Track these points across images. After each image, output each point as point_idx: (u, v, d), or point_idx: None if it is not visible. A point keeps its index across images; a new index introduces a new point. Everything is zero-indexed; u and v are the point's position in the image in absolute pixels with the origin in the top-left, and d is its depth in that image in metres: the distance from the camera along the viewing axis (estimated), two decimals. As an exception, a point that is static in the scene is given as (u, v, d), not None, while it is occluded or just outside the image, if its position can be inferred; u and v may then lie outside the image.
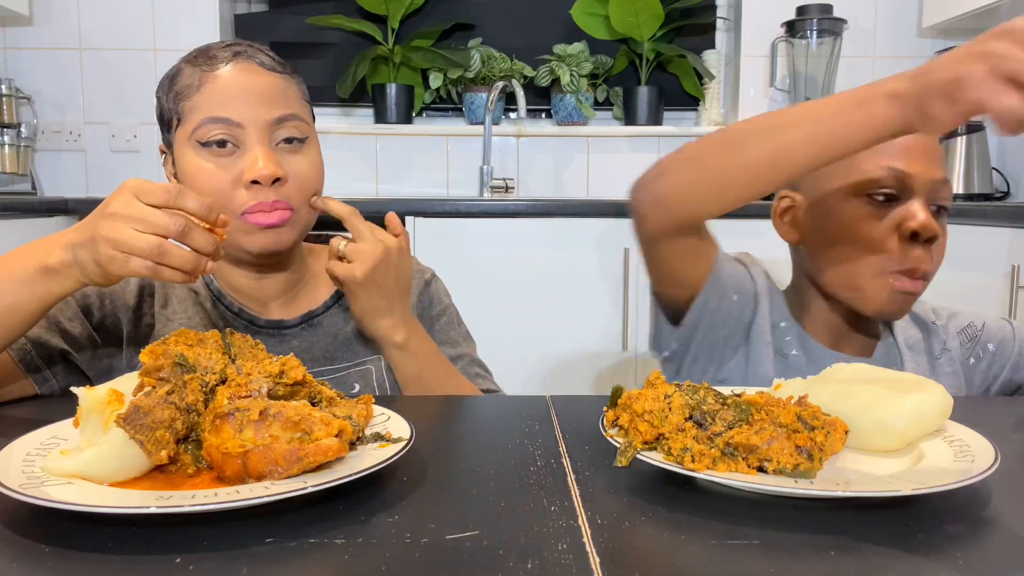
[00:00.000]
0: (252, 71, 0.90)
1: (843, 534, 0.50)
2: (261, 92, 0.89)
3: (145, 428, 0.56)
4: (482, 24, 2.78)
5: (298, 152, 0.91)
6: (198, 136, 0.88)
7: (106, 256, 0.70)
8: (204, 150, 0.88)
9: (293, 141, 0.91)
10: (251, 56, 0.91)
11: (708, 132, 2.68)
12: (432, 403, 0.87)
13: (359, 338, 0.99)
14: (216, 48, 0.91)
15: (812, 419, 0.59)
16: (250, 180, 0.87)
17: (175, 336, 0.64)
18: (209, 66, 0.89)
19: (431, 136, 2.74)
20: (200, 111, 0.88)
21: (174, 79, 0.91)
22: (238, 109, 0.87)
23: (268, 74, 0.90)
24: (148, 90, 2.64)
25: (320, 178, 0.94)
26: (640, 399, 0.62)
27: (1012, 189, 2.53)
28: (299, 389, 0.63)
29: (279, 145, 0.90)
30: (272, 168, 0.87)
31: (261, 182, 0.87)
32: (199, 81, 0.89)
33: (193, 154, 0.88)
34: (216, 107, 0.87)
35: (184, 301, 0.96)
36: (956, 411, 0.65)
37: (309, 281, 1.02)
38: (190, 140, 0.88)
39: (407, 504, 0.54)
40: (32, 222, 2.03)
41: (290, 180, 0.89)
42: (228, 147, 0.88)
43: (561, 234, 2.13)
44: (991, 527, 0.52)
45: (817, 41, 2.55)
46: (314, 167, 0.93)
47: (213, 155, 0.88)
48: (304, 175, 0.91)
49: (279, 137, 0.90)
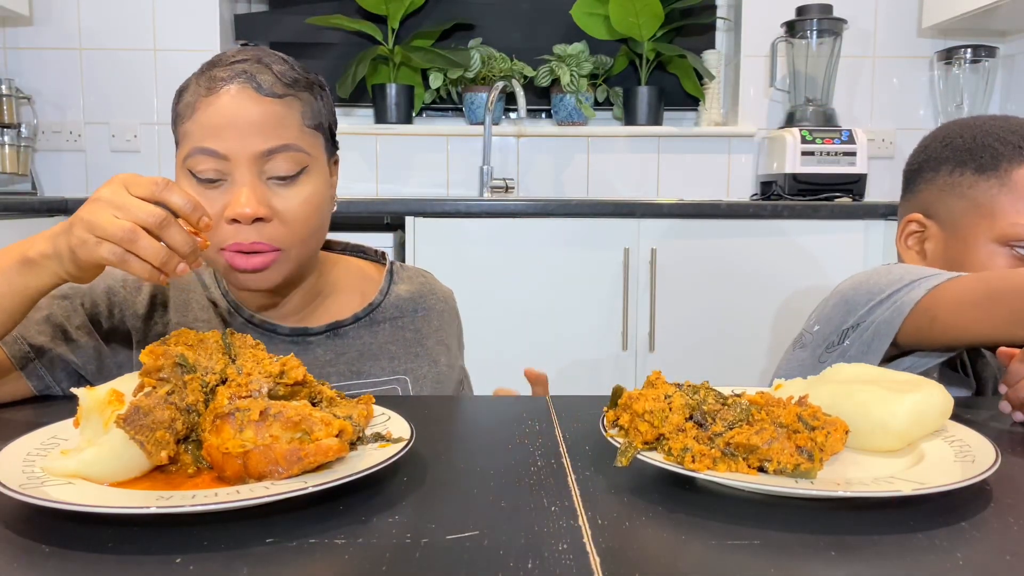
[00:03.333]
0: (247, 98, 0.83)
1: (843, 534, 0.50)
2: (253, 122, 0.83)
3: (145, 429, 0.56)
4: (482, 24, 2.78)
5: (292, 186, 0.85)
6: (188, 165, 0.84)
7: (79, 239, 0.69)
8: (194, 179, 0.84)
9: (286, 178, 0.85)
10: (251, 78, 0.84)
11: (707, 130, 2.69)
12: (432, 403, 0.87)
13: (387, 354, 0.98)
14: (222, 65, 0.85)
15: (812, 419, 0.59)
16: (230, 218, 0.83)
17: (175, 336, 0.64)
18: (208, 89, 0.84)
19: (431, 136, 2.74)
20: (192, 139, 0.84)
21: (181, 95, 0.87)
22: (226, 140, 0.82)
23: (264, 101, 0.84)
24: (148, 90, 2.65)
25: (316, 214, 0.88)
26: (640, 399, 0.62)
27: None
28: (299, 389, 0.63)
29: (270, 180, 0.84)
30: (254, 207, 0.82)
31: (241, 221, 0.82)
32: (194, 106, 0.85)
33: (185, 181, 0.85)
34: (206, 137, 0.83)
35: (206, 309, 0.95)
36: (956, 411, 0.65)
37: (330, 294, 0.99)
38: (183, 166, 0.85)
39: (407, 504, 0.54)
40: (32, 222, 2.03)
41: (277, 219, 0.84)
42: (217, 181, 0.84)
43: (561, 234, 2.13)
44: (991, 527, 0.51)
45: (817, 41, 2.55)
46: (308, 204, 0.86)
47: (202, 186, 0.84)
48: (294, 214, 0.85)
49: (271, 171, 0.84)
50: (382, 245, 2.14)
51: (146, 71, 2.64)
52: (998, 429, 0.74)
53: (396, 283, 1.03)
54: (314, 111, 0.88)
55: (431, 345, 1.01)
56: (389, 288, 1.01)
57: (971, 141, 0.99)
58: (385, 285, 1.01)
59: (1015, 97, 2.57)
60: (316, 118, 0.89)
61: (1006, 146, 0.96)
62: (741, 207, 2.16)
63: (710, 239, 2.15)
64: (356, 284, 1.01)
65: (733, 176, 2.76)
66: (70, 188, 2.67)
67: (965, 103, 2.54)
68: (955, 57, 2.53)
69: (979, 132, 0.99)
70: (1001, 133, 0.97)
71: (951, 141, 1.02)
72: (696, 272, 2.15)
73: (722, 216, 2.14)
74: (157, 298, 0.95)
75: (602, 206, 2.14)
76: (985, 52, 2.51)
